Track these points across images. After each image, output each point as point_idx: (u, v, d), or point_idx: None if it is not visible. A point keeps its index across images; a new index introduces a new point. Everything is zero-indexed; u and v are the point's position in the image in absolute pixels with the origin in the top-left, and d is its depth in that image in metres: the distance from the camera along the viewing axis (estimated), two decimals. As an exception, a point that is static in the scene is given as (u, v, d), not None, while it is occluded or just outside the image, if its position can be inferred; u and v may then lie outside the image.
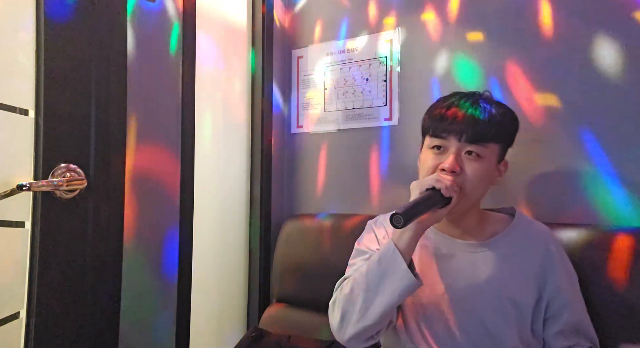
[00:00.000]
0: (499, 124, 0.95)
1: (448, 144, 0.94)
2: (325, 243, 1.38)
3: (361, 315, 0.90)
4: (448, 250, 0.99)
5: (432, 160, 0.95)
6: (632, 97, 1.12)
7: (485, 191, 0.98)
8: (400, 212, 0.80)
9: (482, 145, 0.93)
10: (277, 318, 1.40)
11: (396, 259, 0.88)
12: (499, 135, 0.95)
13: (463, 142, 0.92)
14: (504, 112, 0.98)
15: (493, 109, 0.96)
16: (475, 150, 0.92)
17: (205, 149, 1.38)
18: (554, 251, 0.97)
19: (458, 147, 0.93)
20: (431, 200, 0.87)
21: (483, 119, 0.93)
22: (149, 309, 1.13)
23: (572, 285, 0.96)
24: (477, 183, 0.93)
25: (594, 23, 1.16)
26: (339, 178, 1.55)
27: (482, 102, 0.96)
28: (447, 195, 0.87)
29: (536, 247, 0.97)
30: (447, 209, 0.89)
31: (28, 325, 0.89)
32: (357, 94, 1.53)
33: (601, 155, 1.15)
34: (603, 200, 1.14)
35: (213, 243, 1.43)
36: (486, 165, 0.94)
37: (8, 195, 0.84)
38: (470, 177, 0.92)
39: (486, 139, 0.93)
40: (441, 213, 0.90)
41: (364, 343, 0.94)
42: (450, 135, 0.93)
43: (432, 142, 0.96)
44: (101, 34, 1.00)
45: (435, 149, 0.95)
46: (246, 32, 1.58)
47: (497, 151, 0.97)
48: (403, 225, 0.80)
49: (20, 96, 0.90)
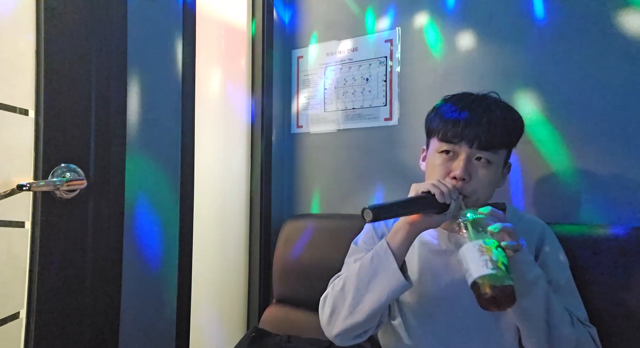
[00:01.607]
0: (511, 130, 0.95)
1: (459, 149, 0.93)
2: (325, 244, 1.37)
3: (350, 312, 0.91)
4: (447, 247, 1.00)
5: (441, 165, 0.94)
6: (632, 96, 1.12)
7: (492, 194, 0.98)
8: (370, 207, 0.81)
9: (493, 152, 0.92)
10: (277, 318, 1.40)
11: (387, 258, 0.88)
12: (509, 141, 0.95)
13: (474, 148, 0.91)
14: (513, 117, 0.97)
15: (504, 114, 0.95)
16: (486, 157, 0.92)
17: (206, 149, 1.38)
18: (545, 238, 0.97)
19: (469, 153, 0.92)
20: (419, 203, 0.87)
21: (496, 126, 0.92)
22: (149, 309, 1.13)
23: (563, 271, 0.95)
24: (486, 189, 0.93)
25: (589, 20, 1.17)
26: (339, 178, 1.55)
27: (494, 107, 0.95)
28: (442, 201, 0.86)
29: (529, 237, 0.97)
30: (447, 217, 0.88)
31: (28, 325, 0.89)
32: (357, 94, 1.53)
33: (599, 155, 1.15)
34: (602, 200, 1.14)
35: (213, 243, 1.43)
36: (495, 171, 0.94)
37: (8, 195, 0.84)
38: (480, 183, 0.92)
39: (498, 146, 0.92)
40: (438, 220, 0.88)
41: (352, 341, 0.95)
42: (462, 142, 0.92)
43: (442, 146, 0.95)
44: (101, 34, 1.00)
45: (444, 154, 0.94)
46: (246, 32, 1.58)
47: (505, 155, 0.97)
48: (371, 220, 0.80)
49: (20, 96, 0.90)
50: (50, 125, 0.91)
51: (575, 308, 0.92)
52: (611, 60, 1.14)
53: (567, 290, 0.94)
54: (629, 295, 0.99)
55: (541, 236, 0.98)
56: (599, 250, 1.04)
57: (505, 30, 1.28)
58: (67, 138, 0.95)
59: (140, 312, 1.10)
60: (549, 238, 0.99)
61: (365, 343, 1.13)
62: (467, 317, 0.94)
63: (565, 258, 0.98)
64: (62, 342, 0.93)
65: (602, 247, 1.04)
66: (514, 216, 1.03)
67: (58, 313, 0.93)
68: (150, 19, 1.13)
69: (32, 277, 0.89)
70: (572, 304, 0.93)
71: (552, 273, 0.93)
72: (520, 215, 1.04)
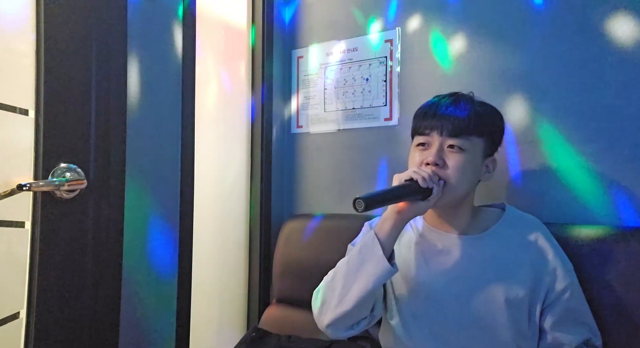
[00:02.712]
0: (479, 117, 0.98)
1: (431, 139, 0.97)
2: (325, 244, 1.37)
3: (339, 301, 0.93)
4: (444, 246, 1.01)
5: (418, 156, 0.99)
6: (632, 96, 1.12)
7: (471, 184, 1.00)
8: (361, 197, 0.84)
9: (464, 139, 0.96)
10: (277, 318, 1.40)
11: (374, 246, 0.91)
12: (479, 129, 0.97)
13: (445, 136, 0.96)
14: (484, 108, 1.01)
15: (473, 105, 0.99)
16: (457, 144, 0.95)
17: (205, 148, 1.38)
18: (546, 241, 0.98)
19: (440, 141, 0.96)
20: (406, 190, 0.90)
21: (462, 112, 0.97)
22: (149, 309, 1.13)
23: (568, 273, 0.96)
24: (460, 175, 0.95)
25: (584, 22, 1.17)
26: (339, 178, 1.55)
27: (464, 99, 1.00)
28: (424, 185, 0.90)
29: (529, 238, 0.98)
30: (431, 202, 0.92)
31: (28, 325, 0.89)
32: (357, 94, 1.53)
33: (598, 155, 1.15)
34: (601, 200, 1.14)
35: (213, 243, 1.43)
36: (469, 158, 0.96)
37: (8, 195, 0.84)
38: (452, 168, 0.95)
39: (467, 132, 0.96)
40: (423, 206, 0.92)
41: (344, 333, 0.98)
42: (432, 132, 0.97)
43: (417, 139, 1.00)
44: (101, 34, 1.00)
45: (420, 147, 0.99)
46: (246, 32, 1.58)
47: (482, 146, 0.99)
48: (364, 209, 0.83)
49: (20, 96, 0.90)
50: (50, 125, 0.91)
51: (585, 324, 0.95)
52: (611, 60, 1.14)
53: (579, 293, 0.96)
54: (629, 296, 0.99)
55: (542, 238, 0.98)
56: (599, 250, 1.04)
57: (505, 30, 1.28)
58: (67, 138, 0.95)
59: (140, 312, 1.10)
60: (550, 240, 0.99)
61: (365, 343, 1.14)
62: (464, 316, 0.95)
63: (567, 260, 0.98)
64: (62, 342, 0.93)
65: (602, 247, 1.04)
66: (513, 216, 1.03)
67: (58, 313, 0.93)
68: (150, 19, 1.13)
69: (32, 277, 0.89)
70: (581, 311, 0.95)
71: (565, 278, 0.94)
72: (519, 215, 1.04)
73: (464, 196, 0.99)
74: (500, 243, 0.98)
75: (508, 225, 1.01)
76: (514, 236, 0.99)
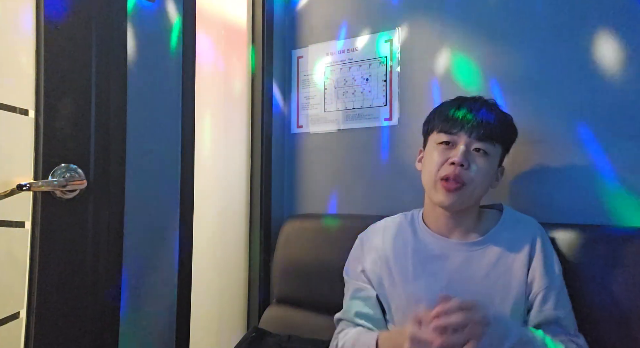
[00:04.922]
0: (503, 125, 1.00)
1: (458, 139, 0.96)
2: (325, 244, 1.37)
3: None
4: (442, 251, 1.00)
5: (439, 155, 0.97)
6: (632, 95, 1.12)
7: (485, 190, 1.00)
8: None
9: (490, 143, 0.96)
10: (277, 318, 1.40)
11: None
12: (504, 137, 1.00)
13: (473, 138, 0.95)
14: (506, 117, 1.03)
15: (498, 112, 1.01)
16: (483, 148, 0.96)
17: (205, 148, 1.39)
18: (539, 243, 0.98)
19: (467, 142, 0.95)
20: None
21: (493, 118, 0.97)
22: (149, 309, 1.13)
23: (546, 277, 0.94)
24: (482, 179, 0.96)
25: (593, 20, 1.16)
26: (339, 178, 1.55)
27: (488, 104, 1.02)
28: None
29: (525, 240, 0.98)
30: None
31: (28, 325, 0.89)
32: (357, 94, 1.53)
33: (600, 155, 1.15)
34: (601, 200, 1.14)
35: (213, 244, 1.43)
36: (491, 163, 0.98)
37: (8, 195, 0.84)
38: (477, 171, 0.95)
39: (494, 138, 0.97)
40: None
41: None
42: (461, 132, 0.96)
43: (441, 137, 0.99)
44: (101, 34, 1.00)
45: (443, 145, 0.98)
46: (246, 32, 1.58)
47: (500, 153, 1.01)
48: None
49: (20, 96, 0.90)
50: (50, 125, 0.91)
51: (565, 318, 0.93)
52: (611, 60, 1.14)
53: (558, 297, 0.94)
54: (624, 296, 0.99)
55: (536, 239, 0.98)
56: (597, 250, 1.04)
57: (505, 30, 1.28)
58: (67, 138, 0.94)
59: (140, 312, 1.10)
60: (543, 242, 0.99)
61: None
62: None
63: (559, 263, 0.98)
64: (62, 342, 0.93)
65: (600, 247, 1.04)
66: (511, 218, 1.03)
67: (58, 313, 0.93)
68: (150, 19, 1.13)
69: (32, 277, 0.89)
70: (562, 314, 0.93)
71: (544, 280, 0.94)
72: (517, 216, 1.05)
73: (477, 201, 1.00)
74: (499, 248, 0.98)
75: (506, 227, 1.01)
76: (512, 239, 0.99)
